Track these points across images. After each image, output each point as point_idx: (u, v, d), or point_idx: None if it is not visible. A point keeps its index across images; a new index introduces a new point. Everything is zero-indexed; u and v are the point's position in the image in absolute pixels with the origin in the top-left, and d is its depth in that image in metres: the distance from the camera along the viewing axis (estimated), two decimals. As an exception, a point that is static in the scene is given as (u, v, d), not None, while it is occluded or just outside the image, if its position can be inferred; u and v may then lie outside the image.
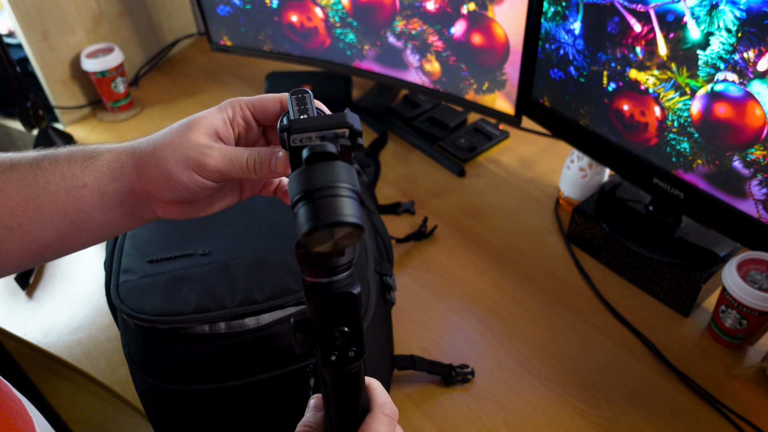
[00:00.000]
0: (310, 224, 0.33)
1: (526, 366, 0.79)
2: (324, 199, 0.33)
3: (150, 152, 0.48)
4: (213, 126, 0.48)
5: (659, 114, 0.77)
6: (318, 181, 0.34)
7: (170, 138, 0.48)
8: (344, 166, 0.35)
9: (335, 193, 0.34)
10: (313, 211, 0.33)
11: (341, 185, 0.34)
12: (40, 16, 1.18)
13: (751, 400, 0.74)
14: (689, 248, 0.83)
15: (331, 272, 0.38)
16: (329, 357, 0.39)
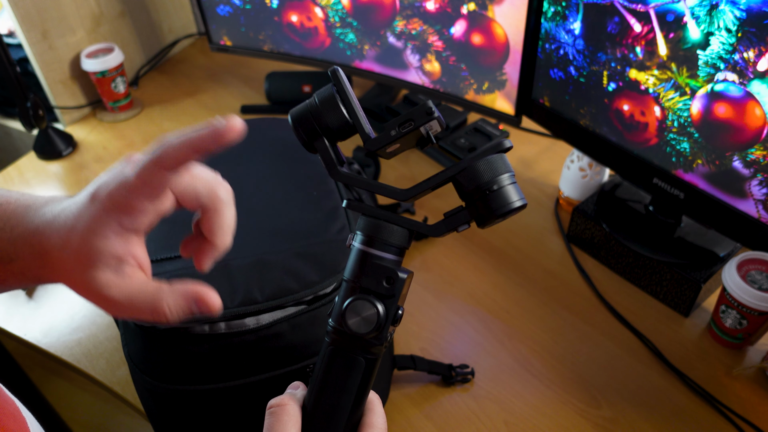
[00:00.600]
0: (523, 200, 0.41)
1: (526, 366, 0.79)
2: (514, 184, 0.41)
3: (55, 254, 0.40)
4: (113, 254, 0.39)
5: (659, 114, 0.77)
6: (509, 167, 0.42)
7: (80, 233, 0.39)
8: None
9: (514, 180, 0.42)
10: (517, 190, 0.41)
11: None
12: (40, 16, 1.18)
13: (751, 400, 0.74)
14: (689, 248, 0.83)
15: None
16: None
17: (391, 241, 0.43)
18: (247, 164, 0.78)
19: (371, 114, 1.22)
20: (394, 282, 0.42)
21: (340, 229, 0.69)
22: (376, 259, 0.42)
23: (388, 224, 0.43)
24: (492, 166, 0.41)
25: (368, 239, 0.43)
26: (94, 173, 1.18)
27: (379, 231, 0.43)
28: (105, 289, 0.39)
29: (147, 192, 0.39)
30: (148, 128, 1.28)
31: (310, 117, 0.42)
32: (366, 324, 0.41)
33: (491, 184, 0.41)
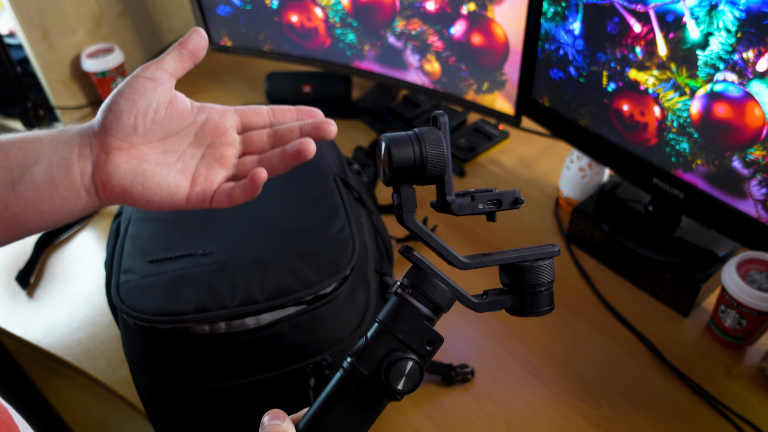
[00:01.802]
0: (552, 307, 0.44)
1: (526, 366, 0.79)
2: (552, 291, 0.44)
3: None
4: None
5: (659, 114, 0.77)
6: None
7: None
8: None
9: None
10: (551, 296, 0.44)
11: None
12: (40, 16, 1.18)
13: (750, 399, 0.74)
14: (689, 248, 0.84)
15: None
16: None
17: (440, 302, 0.44)
18: (248, 164, 0.78)
19: (372, 114, 1.23)
20: (436, 345, 0.42)
21: (340, 229, 0.69)
22: (424, 318, 0.43)
23: (439, 284, 0.44)
24: (551, 271, 0.44)
25: (419, 293, 0.43)
26: (94, 173, 1.18)
27: (432, 289, 0.44)
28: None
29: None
30: (148, 128, 1.28)
31: (410, 149, 0.41)
32: (409, 383, 0.41)
33: (544, 286, 0.44)
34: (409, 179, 0.43)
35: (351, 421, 0.41)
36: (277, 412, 0.41)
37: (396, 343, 0.42)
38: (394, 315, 0.43)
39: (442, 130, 0.41)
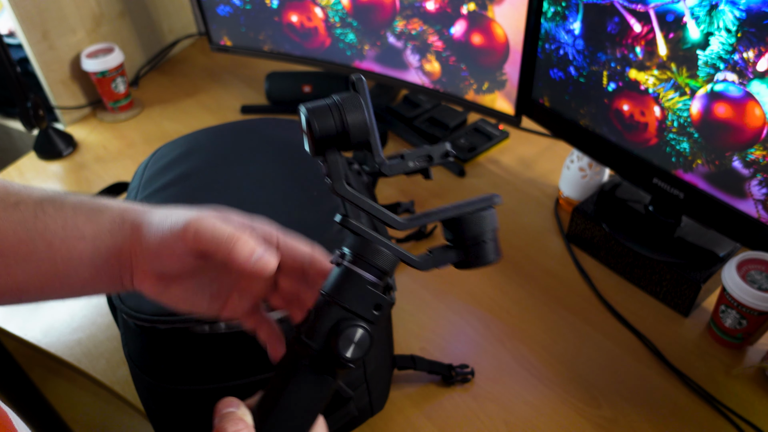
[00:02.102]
0: (500, 255, 0.44)
1: (526, 366, 0.79)
2: (496, 240, 0.44)
3: (152, 216, 0.45)
4: (227, 216, 0.45)
5: (659, 114, 0.77)
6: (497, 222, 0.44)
7: (179, 211, 0.44)
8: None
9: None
10: (498, 245, 0.44)
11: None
12: (40, 16, 1.18)
13: (750, 399, 0.74)
14: (689, 248, 0.84)
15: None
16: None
17: (383, 267, 0.42)
18: (247, 164, 0.78)
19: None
20: (383, 309, 0.41)
21: (340, 229, 0.69)
22: (368, 284, 0.41)
23: (381, 249, 0.42)
24: (492, 219, 0.43)
25: (361, 261, 0.42)
26: (94, 173, 1.18)
27: (374, 254, 0.42)
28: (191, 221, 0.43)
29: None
30: (148, 128, 1.28)
31: (330, 117, 0.40)
32: (359, 351, 0.40)
33: (486, 234, 0.43)
34: (332, 143, 0.41)
35: (307, 396, 0.41)
36: (230, 400, 0.41)
37: (343, 313, 0.41)
38: (338, 285, 0.41)
39: (362, 93, 0.41)
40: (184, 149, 0.82)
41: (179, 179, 0.77)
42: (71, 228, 0.44)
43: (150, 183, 0.78)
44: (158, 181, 0.77)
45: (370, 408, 0.72)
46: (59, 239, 0.44)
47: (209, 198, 0.74)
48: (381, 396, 0.74)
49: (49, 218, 0.44)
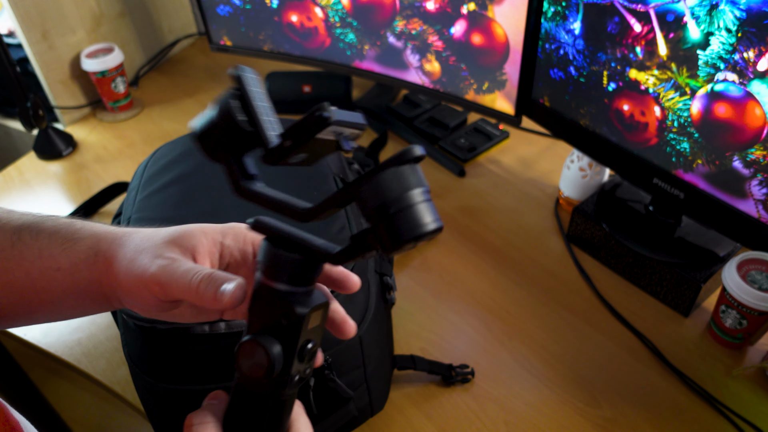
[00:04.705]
0: (438, 222, 0.33)
1: (526, 366, 0.79)
2: (428, 202, 0.33)
3: (124, 251, 0.43)
4: (193, 243, 0.43)
5: (659, 114, 0.77)
6: (422, 180, 0.34)
7: (149, 244, 0.43)
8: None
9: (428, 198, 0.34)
10: (431, 209, 0.33)
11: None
12: (40, 16, 1.18)
13: (751, 400, 0.74)
14: (689, 248, 0.83)
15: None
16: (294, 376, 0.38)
17: (293, 272, 0.37)
18: (247, 164, 0.78)
19: (372, 114, 1.22)
20: (291, 318, 0.36)
21: (340, 229, 0.69)
22: (276, 294, 0.37)
23: (286, 254, 0.37)
24: (399, 180, 0.33)
25: (266, 269, 0.37)
26: (94, 173, 1.18)
27: (278, 261, 0.37)
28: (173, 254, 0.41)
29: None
30: (148, 128, 1.28)
31: (208, 132, 0.37)
32: (257, 367, 0.37)
33: (397, 202, 0.32)
34: (218, 149, 0.37)
35: (251, 420, 0.39)
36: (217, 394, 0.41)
37: (255, 327, 0.38)
38: (253, 300, 0.38)
39: (241, 83, 0.36)
40: (183, 149, 0.82)
41: (179, 179, 0.77)
42: (47, 258, 0.43)
43: (150, 183, 0.78)
44: (158, 181, 0.77)
45: (370, 408, 0.72)
46: (37, 269, 0.43)
47: (209, 198, 0.74)
48: (381, 396, 0.74)
49: (26, 247, 0.43)
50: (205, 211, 0.72)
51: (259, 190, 0.38)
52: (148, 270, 0.40)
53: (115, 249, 0.43)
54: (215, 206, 0.73)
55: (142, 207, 0.74)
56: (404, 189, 0.32)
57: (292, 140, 0.34)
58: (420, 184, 0.33)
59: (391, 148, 1.16)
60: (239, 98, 0.36)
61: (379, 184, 0.32)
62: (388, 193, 0.32)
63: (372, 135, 1.20)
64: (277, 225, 0.38)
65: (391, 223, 0.32)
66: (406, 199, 0.32)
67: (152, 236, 0.43)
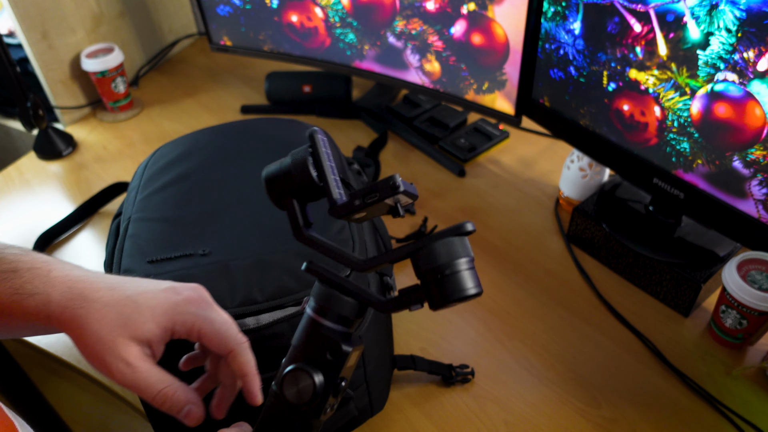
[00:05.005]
0: (478, 288, 0.41)
1: (526, 366, 0.79)
2: (472, 270, 0.41)
3: (83, 333, 0.45)
4: (147, 336, 0.46)
5: (659, 114, 0.77)
6: (469, 251, 0.41)
7: (108, 336, 0.45)
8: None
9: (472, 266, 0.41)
10: (473, 276, 0.41)
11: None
12: (40, 16, 1.18)
13: (751, 400, 0.74)
14: (689, 248, 0.83)
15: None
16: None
17: (343, 313, 0.42)
18: (247, 164, 0.78)
19: (372, 114, 1.23)
20: (337, 355, 0.41)
21: (340, 229, 0.69)
22: (324, 330, 0.42)
23: (341, 296, 0.42)
24: (450, 249, 0.39)
25: (319, 308, 0.42)
26: (94, 173, 1.18)
27: (331, 302, 0.42)
28: (132, 359, 0.45)
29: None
30: (148, 128, 1.28)
31: (281, 178, 0.43)
32: (301, 395, 0.41)
33: (447, 268, 0.39)
34: (287, 197, 0.43)
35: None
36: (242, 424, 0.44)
37: (301, 359, 0.42)
38: (298, 331, 0.43)
39: (315, 144, 0.42)
40: (183, 149, 0.82)
41: (179, 179, 0.77)
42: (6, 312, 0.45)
43: (150, 183, 0.78)
44: (158, 181, 0.77)
45: (370, 408, 0.72)
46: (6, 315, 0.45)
47: (208, 198, 0.74)
48: (381, 396, 0.74)
49: None
50: (204, 211, 0.72)
51: (317, 237, 0.43)
52: (111, 367, 0.44)
53: (68, 325, 0.45)
54: (215, 206, 0.73)
55: (142, 207, 0.74)
56: (454, 257, 0.39)
57: (361, 200, 0.40)
58: (467, 254, 0.40)
59: (391, 148, 1.17)
60: (312, 155, 0.42)
61: (435, 249, 0.39)
62: (442, 258, 0.39)
63: (372, 135, 1.20)
64: (332, 270, 0.43)
65: (441, 285, 0.39)
66: (455, 265, 0.39)
67: (108, 325, 0.45)
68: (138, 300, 0.46)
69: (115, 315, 0.45)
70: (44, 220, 1.05)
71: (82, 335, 0.45)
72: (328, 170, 0.42)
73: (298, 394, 0.41)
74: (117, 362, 0.44)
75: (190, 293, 0.48)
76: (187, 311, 0.47)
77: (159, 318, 0.46)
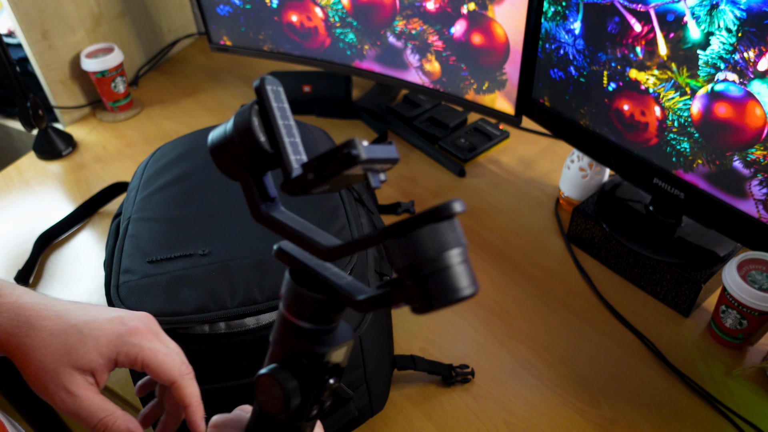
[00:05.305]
0: (474, 287, 0.30)
1: (526, 366, 0.79)
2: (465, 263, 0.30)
3: (28, 360, 0.47)
4: (90, 366, 0.47)
5: (659, 114, 0.77)
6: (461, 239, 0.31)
7: (51, 365, 0.47)
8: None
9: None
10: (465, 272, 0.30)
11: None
12: (39, 15, 1.18)
13: (751, 400, 0.74)
14: (689, 248, 0.83)
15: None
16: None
17: (315, 311, 0.35)
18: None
19: (372, 114, 1.22)
20: (311, 358, 0.35)
21: (340, 229, 0.69)
22: (296, 329, 0.35)
23: (308, 293, 0.34)
24: (436, 238, 0.29)
25: (286, 303, 0.36)
26: (93, 173, 1.18)
27: (297, 297, 0.35)
28: (74, 388, 0.46)
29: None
30: (147, 128, 1.28)
31: (226, 145, 0.34)
32: (273, 403, 0.36)
33: (432, 263, 0.29)
34: (237, 169, 0.35)
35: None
36: (247, 407, 0.43)
37: (277, 360, 0.37)
38: (277, 334, 0.37)
39: (264, 97, 0.33)
40: (183, 149, 0.82)
41: (179, 179, 0.77)
42: None
43: (149, 183, 0.78)
44: (158, 181, 0.77)
45: (370, 408, 0.72)
46: None
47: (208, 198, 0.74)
48: (381, 396, 0.74)
49: None
50: (204, 211, 0.72)
51: (279, 217, 0.36)
52: (53, 396, 0.46)
53: (13, 352, 0.48)
54: (214, 206, 0.73)
55: (142, 207, 0.74)
56: (441, 249, 0.29)
57: (315, 174, 0.31)
58: (458, 244, 0.30)
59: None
60: (261, 114, 0.33)
61: (413, 241, 0.29)
62: (423, 253, 0.29)
63: (372, 135, 1.20)
64: (302, 258, 0.36)
65: (424, 285, 0.29)
66: (442, 260, 0.29)
67: (52, 354, 0.46)
68: (83, 330, 0.47)
69: (60, 344, 0.46)
70: (44, 220, 1.05)
71: (27, 363, 0.47)
72: (282, 132, 0.33)
73: (270, 402, 0.36)
74: (59, 391, 0.46)
75: (136, 324, 0.48)
76: (131, 342, 0.47)
77: (103, 348, 0.47)
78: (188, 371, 0.49)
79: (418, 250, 0.29)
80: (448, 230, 0.29)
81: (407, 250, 0.29)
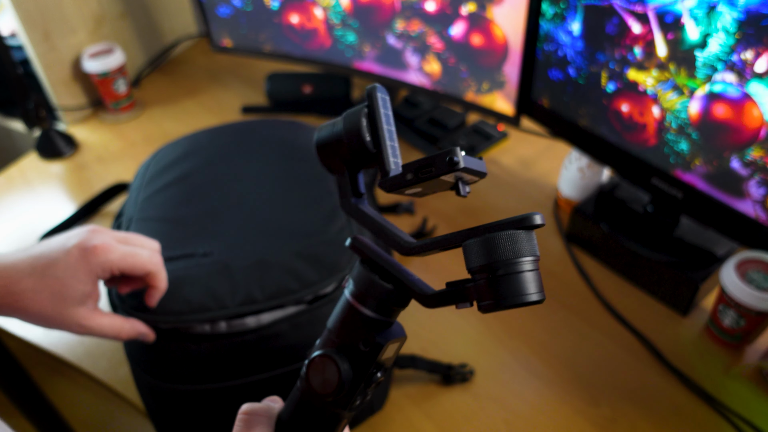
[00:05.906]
0: (541, 294, 0.34)
1: (526, 366, 0.79)
2: (536, 272, 0.34)
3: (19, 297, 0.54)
4: (83, 296, 0.56)
5: (658, 114, 0.77)
6: (535, 249, 0.34)
7: (43, 308, 0.55)
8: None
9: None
10: (535, 280, 0.33)
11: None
12: (41, 17, 1.18)
13: (749, 399, 0.74)
14: (688, 248, 0.84)
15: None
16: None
17: (383, 301, 0.38)
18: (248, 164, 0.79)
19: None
20: (371, 346, 0.38)
21: (340, 229, 0.70)
22: (360, 317, 0.38)
23: (382, 282, 0.37)
24: (514, 244, 0.32)
25: (358, 293, 0.38)
26: (95, 173, 1.18)
27: (371, 287, 0.38)
28: (83, 321, 0.56)
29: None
30: (149, 129, 1.29)
31: (333, 144, 0.37)
32: (326, 385, 0.37)
33: (506, 265, 0.32)
34: (337, 162, 0.38)
35: (310, 426, 0.40)
36: (275, 398, 0.45)
37: (334, 344, 0.38)
38: (334, 313, 0.39)
39: (373, 103, 0.37)
40: (185, 150, 0.82)
41: (180, 179, 0.77)
42: None
43: (151, 183, 0.78)
44: (159, 181, 0.78)
45: (370, 407, 0.73)
46: None
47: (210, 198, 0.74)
48: (381, 395, 0.74)
49: None
50: (205, 211, 0.73)
51: (366, 210, 0.38)
52: (70, 329, 0.57)
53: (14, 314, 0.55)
54: (216, 206, 0.73)
55: (143, 207, 0.74)
56: (517, 254, 0.32)
57: (414, 175, 0.34)
58: (532, 253, 0.33)
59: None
60: (369, 118, 0.37)
61: (494, 243, 0.32)
62: (501, 255, 0.32)
63: (372, 135, 1.20)
64: (376, 250, 0.38)
65: (496, 285, 0.32)
66: (517, 264, 0.32)
67: (48, 306, 0.54)
68: (59, 275, 0.54)
69: (49, 296, 0.54)
70: (46, 220, 1.05)
71: (31, 319, 0.55)
72: (385, 135, 0.36)
73: (324, 384, 0.37)
74: (72, 326, 0.56)
75: (93, 244, 0.55)
76: (98, 261, 0.55)
77: (84, 278, 0.55)
78: (156, 260, 0.60)
79: (498, 251, 0.32)
80: (526, 239, 0.33)
81: (486, 251, 0.32)
